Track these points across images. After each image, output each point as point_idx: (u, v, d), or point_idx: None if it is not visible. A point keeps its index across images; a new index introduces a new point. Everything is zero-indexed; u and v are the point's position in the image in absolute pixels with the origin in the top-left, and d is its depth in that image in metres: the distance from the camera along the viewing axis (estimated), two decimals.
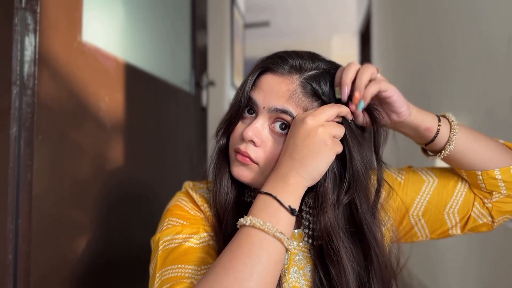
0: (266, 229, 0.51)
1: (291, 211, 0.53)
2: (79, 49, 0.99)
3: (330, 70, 0.62)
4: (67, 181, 0.94)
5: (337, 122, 0.60)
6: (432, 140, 0.64)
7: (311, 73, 0.61)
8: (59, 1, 0.91)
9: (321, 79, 0.61)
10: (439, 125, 0.63)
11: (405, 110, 0.61)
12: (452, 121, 0.64)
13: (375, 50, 3.60)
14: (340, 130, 0.58)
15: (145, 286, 0.66)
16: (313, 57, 0.63)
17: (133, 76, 1.25)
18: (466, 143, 0.64)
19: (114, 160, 1.15)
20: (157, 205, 1.36)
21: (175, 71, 1.68)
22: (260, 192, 0.55)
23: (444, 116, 0.65)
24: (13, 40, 0.80)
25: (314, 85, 0.60)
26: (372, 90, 0.58)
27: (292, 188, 0.54)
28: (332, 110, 0.58)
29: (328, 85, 0.61)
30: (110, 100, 1.12)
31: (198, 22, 1.88)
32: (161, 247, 0.62)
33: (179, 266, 0.58)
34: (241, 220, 0.53)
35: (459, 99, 1.45)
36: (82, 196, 1.00)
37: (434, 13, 1.76)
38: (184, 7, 1.79)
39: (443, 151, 0.65)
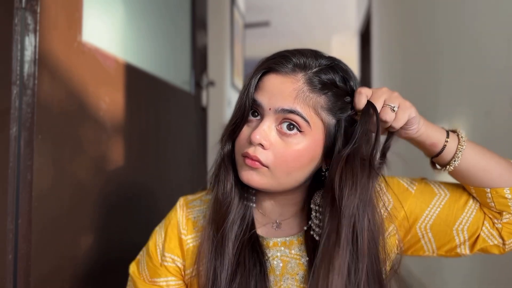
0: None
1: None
2: (79, 49, 0.99)
3: (333, 65, 0.62)
4: (67, 181, 0.94)
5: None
6: (438, 155, 0.64)
7: (315, 69, 0.61)
8: (59, 1, 0.91)
9: (326, 73, 0.61)
10: (446, 141, 0.63)
11: (415, 128, 0.62)
12: (461, 137, 0.64)
13: (375, 50, 3.60)
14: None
15: None
16: (315, 54, 0.63)
17: (133, 76, 1.25)
18: (473, 160, 0.63)
19: (114, 160, 1.15)
20: (157, 204, 1.37)
21: (175, 71, 1.68)
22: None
23: (455, 132, 0.65)
24: (13, 40, 0.80)
25: (322, 76, 0.60)
26: (404, 120, 0.59)
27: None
28: None
29: (334, 78, 0.61)
30: (110, 100, 1.12)
31: (198, 22, 1.88)
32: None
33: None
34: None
35: (459, 99, 1.45)
36: (82, 196, 1.00)
37: (434, 13, 1.76)
38: (184, 7, 1.80)
39: (448, 166, 0.64)
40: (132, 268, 0.74)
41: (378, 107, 0.59)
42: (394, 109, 0.59)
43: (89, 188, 1.03)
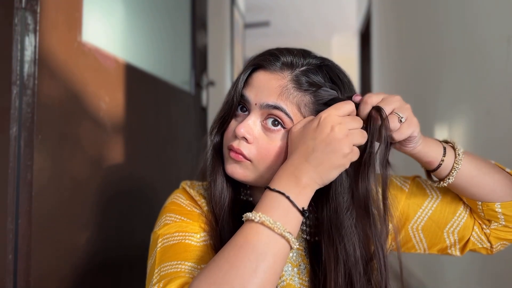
0: (275, 229, 0.50)
1: (302, 212, 0.53)
2: (79, 49, 0.99)
3: (322, 65, 0.62)
4: (67, 181, 0.94)
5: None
6: (434, 170, 0.64)
7: (302, 68, 0.61)
8: (59, 1, 0.91)
9: (313, 73, 0.61)
10: (442, 160, 0.62)
11: (412, 146, 0.61)
12: (458, 154, 0.63)
13: (375, 50, 3.60)
14: (362, 139, 0.56)
15: (144, 283, 0.66)
16: (304, 53, 0.63)
17: (133, 76, 1.25)
18: (469, 177, 0.63)
19: (114, 160, 1.15)
20: (156, 205, 1.36)
21: (175, 71, 1.68)
22: (270, 189, 0.54)
23: (452, 146, 0.64)
24: (13, 40, 0.80)
25: (310, 75, 0.60)
26: (406, 134, 0.57)
27: (304, 190, 0.54)
28: (358, 122, 0.56)
29: (321, 78, 0.61)
30: (110, 100, 1.12)
31: (198, 22, 1.88)
32: (159, 244, 0.62)
33: (178, 262, 0.57)
34: (249, 215, 0.52)
35: (459, 99, 1.45)
36: (82, 195, 1.00)
37: (434, 13, 1.76)
38: (184, 7, 1.80)
39: (442, 182, 0.64)
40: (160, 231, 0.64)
41: (387, 111, 0.57)
42: (401, 120, 0.57)
43: (89, 187, 1.03)
